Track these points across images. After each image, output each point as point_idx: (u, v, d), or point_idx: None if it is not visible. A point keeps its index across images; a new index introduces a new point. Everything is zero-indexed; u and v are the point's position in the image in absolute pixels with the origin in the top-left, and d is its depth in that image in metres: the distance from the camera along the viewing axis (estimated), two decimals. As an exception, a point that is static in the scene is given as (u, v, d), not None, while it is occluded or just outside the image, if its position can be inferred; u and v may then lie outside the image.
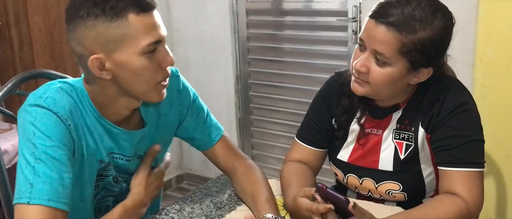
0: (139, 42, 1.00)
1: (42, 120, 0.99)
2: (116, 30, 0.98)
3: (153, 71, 1.04)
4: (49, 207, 0.95)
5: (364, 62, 1.12)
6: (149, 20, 1.01)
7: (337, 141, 1.31)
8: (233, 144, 1.36)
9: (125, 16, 0.98)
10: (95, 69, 1.01)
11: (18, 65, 3.09)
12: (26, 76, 1.42)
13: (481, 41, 1.95)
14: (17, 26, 3.01)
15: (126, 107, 1.11)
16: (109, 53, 1.00)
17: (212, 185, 1.41)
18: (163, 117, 1.23)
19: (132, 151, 1.17)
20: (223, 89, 2.94)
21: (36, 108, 1.00)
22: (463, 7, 2.00)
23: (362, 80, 1.15)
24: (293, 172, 1.29)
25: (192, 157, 3.20)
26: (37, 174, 0.96)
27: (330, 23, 2.51)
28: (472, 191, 1.11)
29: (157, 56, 1.04)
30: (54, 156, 0.98)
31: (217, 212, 1.24)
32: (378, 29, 1.09)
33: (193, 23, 2.93)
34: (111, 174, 1.15)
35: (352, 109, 1.27)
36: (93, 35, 0.99)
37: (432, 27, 1.08)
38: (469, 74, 2.01)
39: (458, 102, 1.15)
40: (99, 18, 0.98)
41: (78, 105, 1.06)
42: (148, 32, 1.00)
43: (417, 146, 1.20)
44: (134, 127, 1.17)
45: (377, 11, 1.10)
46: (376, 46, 1.09)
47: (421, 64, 1.11)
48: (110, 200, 1.20)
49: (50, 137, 0.98)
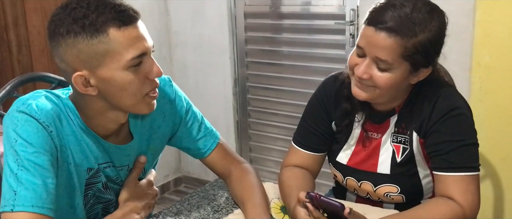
0: (122, 56, 0.97)
1: (23, 127, 0.98)
2: (98, 46, 0.96)
3: (140, 84, 1.02)
4: (33, 213, 0.94)
5: (366, 69, 1.12)
6: (131, 33, 0.98)
7: (337, 143, 1.31)
8: (229, 150, 1.34)
9: (105, 31, 0.96)
10: (79, 86, 1.00)
11: (16, 67, 3.09)
12: (24, 79, 1.43)
13: (478, 44, 1.96)
14: (15, 28, 3.01)
15: (113, 121, 1.09)
16: (92, 69, 0.99)
17: (209, 188, 1.41)
18: (156, 128, 1.21)
19: (122, 162, 1.16)
20: (221, 92, 2.94)
21: (17, 114, 0.99)
22: (460, 10, 2.02)
23: (364, 85, 1.15)
24: (294, 176, 1.29)
25: (190, 160, 3.20)
26: (20, 181, 0.95)
27: (328, 27, 2.52)
28: (467, 195, 1.12)
29: (143, 69, 1.01)
30: (37, 162, 0.97)
31: (214, 215, 1.24)
32: (379, 35, 1.08)
33: (191, 26, 2.93)
34: (101, 181, 1.14)
35: (353, 112, 1.27)
36: (75, 52, 0.97)
37: (431, 29, 1.08)
38: (466, 77, 2.02)
39: (449, 107, 1.15)
40: (80, 35, 0.95)
41: (64, 114, 1.05)
42: (131, 46, 0.98)
43: (412, 149, 1.21)
44: (123, 140, 1.15)
45: (374, 17, 1.10)
46: (378, 53, 1.09)
47: (421, 64, 1.12)
48: (99, 207, 1.19)
49: (32, 144, 0.97)
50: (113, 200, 1.19)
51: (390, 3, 1.09)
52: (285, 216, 1.22)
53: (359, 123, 1.27)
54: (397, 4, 1.09)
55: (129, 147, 1.15)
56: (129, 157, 1.17)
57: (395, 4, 1.08)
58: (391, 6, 1.09)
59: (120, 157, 1.14)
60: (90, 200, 1.16)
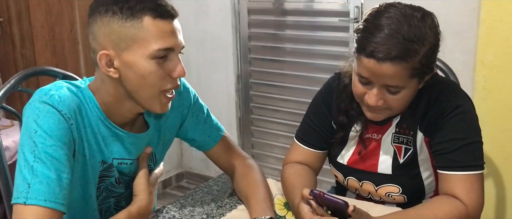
0: (150, 45, 1.00)
1: (45, 118, 0.99)
2: (130, 30, 0.99)
3: (160, 78, 1.04)
4: (45, 207, 0.95)
5: (378, 98, 1.10)
6: (164, 26, 1.01)
7: (337, 144, 1.31)
8: (233, 144, 1.36)
9: (140, 18, 0.99)
10: (102, 64, 1.02)
11: (19, 61, 3.09)
12: (29, 73, 1.43)
13: (482, 43, 1.95)
14: (18, 22, 3.01)
15: (130, 110, 1.10)
16: (119, 51, 1.01)
17: (213, 183, 1.41)
18: (164, 119, 1.23)
19: (136, 153, 1.17)
20: (223, 88, 2.94)
21: (39, 105, 1.00)
22: (464, 9, 2.01)
23: (378, 109, 1.14)
24: (296, 173, 1.29)
25: (192, 156, 3.21)
26: (35, 174, 0.96)
27: (332, 24, 2.52)
28: (471, 194, 1.12)
29: (168, 64, 1.04)
30: (54, 155, 0.97)
31: (218, 210, 1.24)
32: (383, 67, 1.04)
33: (194, 22, 2.93)
34: (114, 176, 1.15)
35: (352, 114, 1.27)
36: (107, 31, 1.01)
37: (428, 38, 1.06)
38: (469, 76, 2.02)
39: (452, 105, 1.15)
40: (116, 15, 0.99)
41: (84, 106, 1.06)
42: (161, 38, 1.01)
43: (416, 150, 1.21)
44: (138, 130, 1.17)
45: (371, 48, 1.04)
46: (387, 81, 1.07)
47: (427, 72, 1.11)
48: (112, 201, 1.20)
49: (52, 136, 0.98)
50: (123, 193, 1.20)
51: (378, 25, 1.04)
52: (288, 212, 1.22)
53: (360, 128, 1.26)
54: (384, 23, 1.04)
55: (146, 136, 1.17)
56: (145, 146, 1.18)
57: (382, 25, 1.04)
58: (380, 28, 1.04)
59: (137, 147, 1.15)
60: (102, 193, 1.17)
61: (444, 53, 1.15)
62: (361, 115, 1.24)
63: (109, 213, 1.21)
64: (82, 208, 1.13)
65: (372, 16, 1.08)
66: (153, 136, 1.20)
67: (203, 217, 1.21)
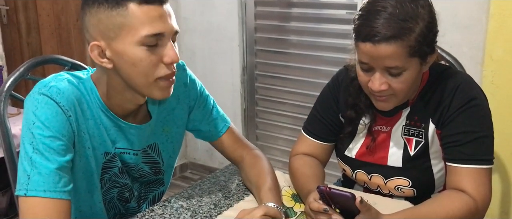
0: (137, 32, 0.98)
1: (43, 109, 0.99)
2: (116, 18, 0.98)
3: (152, 65, 1.01)
4: (46, 198, 0.95)
5: (381, 81, 1.10)
6: (151, 11, 0.99)
7: (345, 137, 1.31)
8: (240, 135, 1.36)
9: (125, 5, 0.98)
10: (95, 55, 1.02)
11: (25, 50, 3.09)
12: (38, 61, 1.42)
13: (491, 38, 1.94)
14: (25, 11, 3.01)
15: (131, 101, 1.09)
16: (109, 41, 1.00)
17: (220, 174, 1.41)
18: (170, 111, 1.22)
19: (140, 144, 1.17)
20: (229, 80, 2.94)
21: (38, 96, 1.00)
22: (473, 3, 2.00)
23: (386, 96, 1.14)
24: (306, 164, 1.29)
25: (196, 147, 3.21)
26: (34, 165, 0.96)
27: (339, 16, 2.51)
28: (480, 188, 1.11)
29: (159, 51, 1.01)
30: (51, 146, 0.97)
31: (225, 201, 1.25)
32: (379, 48, 1.05)
33: (200, 13, 2.92)
34: (117, 166, 1.15)
35: (360, 107, 1.26)
36: (95, 22, 1.00)
37: (422, 16, 1.07)
38: (477, 71, 2.01)
39: (467, 98, 1.14)
40: (102, 5, 0.98)
41: (85, 98, 1.06)
42: (148, 23, 0.98)
43: (427, 142, 1.20)
44: (141, 121, 1.16)
45: (365, 32, 1.06)
46: (386, 62, 1.07)
47: (428, 52, 1.11)
48: (115, 191, 1.20)
49: (49, 127, 0.98)
50: (128, 184, 1.20)
51: (372, 11, 1.07)
52: (296, 204, 1.22)
53: (369, 121, 1.26)
54: (379, 8, 1.06)
55: (148, 127, 1.16)
56: (147, 138, 1.17)
57: (377, 10, 1.06)
58: (374, 13, 1.06)
59: (139, 138, 1.15)
60: (106, 184, 1.17)
61: (452, 47, 1.14)
62: (369, 108, 1.24)
63: (112, 203, 1.21)
64: (88, 201, 1.13)
65: (367, 4, 1.10)
66: (156, 127, 1.20)
67: (211, 207, 1.21)
